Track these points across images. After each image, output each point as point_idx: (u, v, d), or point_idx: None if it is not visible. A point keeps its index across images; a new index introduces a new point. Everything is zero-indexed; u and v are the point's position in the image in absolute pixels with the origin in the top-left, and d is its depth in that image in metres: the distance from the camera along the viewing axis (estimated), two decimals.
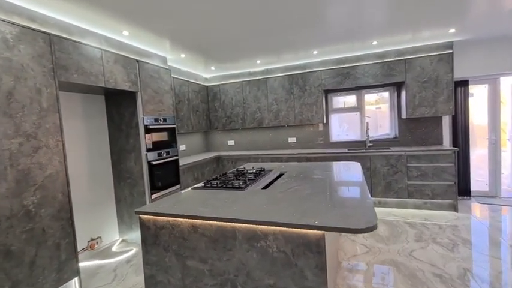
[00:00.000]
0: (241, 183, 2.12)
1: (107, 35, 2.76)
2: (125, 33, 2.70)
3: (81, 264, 2.68)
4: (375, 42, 3.68)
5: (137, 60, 3.02)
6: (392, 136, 4.40)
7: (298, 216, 1.34)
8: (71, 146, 2.78)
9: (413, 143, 4.23)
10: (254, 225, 1.37)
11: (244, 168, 2.92)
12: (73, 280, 2.21)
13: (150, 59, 3.37)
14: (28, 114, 1.93)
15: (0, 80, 1.78)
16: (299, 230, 1.28)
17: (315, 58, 4.34)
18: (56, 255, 2.08)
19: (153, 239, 1.64)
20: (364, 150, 4.01)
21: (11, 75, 1.84)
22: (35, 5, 2.09)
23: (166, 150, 3.42)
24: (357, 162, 2.92)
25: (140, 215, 1.65)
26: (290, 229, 1.30)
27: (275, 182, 2.23)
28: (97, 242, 3.03)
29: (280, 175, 2.62)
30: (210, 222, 1.47)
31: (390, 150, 3.81)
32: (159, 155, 3.30)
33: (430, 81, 3.83)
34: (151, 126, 3.17)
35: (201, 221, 1.49)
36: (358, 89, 4.46)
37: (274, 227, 1.33)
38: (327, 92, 4.64)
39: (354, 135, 4.65)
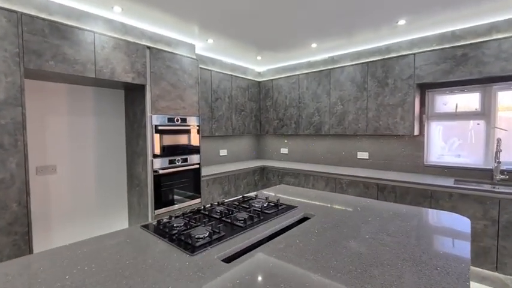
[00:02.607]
0: (200, 237, 1.21)
1: (106, 16, 2.33)
2: (117, 9, 2.19)
3: None
4: None
5: (148, 47, 2.51)
6: None
7: None
8: (78, 145, 2.52)
9: None
10: None
11: (256, 196, 1.96)
12: None
13: (169, 46, 2.84)
14: None
15: None
16: None
17: (404, 35, 2.85)
18: None
19: None
20: (491, 188, 2.31)
21: None
22: None
23: (183, 156, 2.82)
24: (465, 220, 1.49)
25: None
26: None
27: (274, 240, 1.21)
28: None
29: (301, 221, 1.55)
30: None
31: None
32: (172, 162, 2.72)
33: None
34: (162, 127, 2.62)
35: None
36: (485, 82, 2.68)
37: None
38: (424, 88, 3.03)
39: (472, 157, 2.87)
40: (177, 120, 2.76)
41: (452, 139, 3.04)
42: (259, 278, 0.91)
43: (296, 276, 0.92)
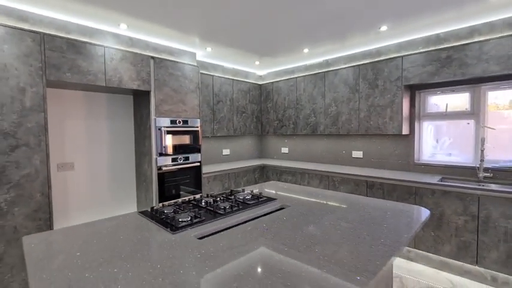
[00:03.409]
0: (183, 220, 1.46)
1: (114, 32, 2.65)
2: (123, 26, 2.49)
3: None
4: None
5: (152, 57, 2.80)
6: None
7: None
8: (93, 145, 2.85)
9: None
10: None
11: (243, 190, 2.19)
12: None
13: (171, 55, 3.12)
14: (7, 113, 1.96)
15: None
16: None
17: (392, 39, 2.98)
18: None
19: None
20: (476, 184, 2.41)
21: None
22: (27, 4, 2.11)
23: (185, 155, 3.10)
24: (423, 211, 1.64)
25: None
26: None
27: (244, 224, 1.43)
28: None
29: (278, 211, 1.76)
30: None
31: None
32: (174, 160, 3.00)
33: None
34: (165, 129, 2.91)
35: None
36: (474, 82, 2.76)
37: None
38: (413, 89, 3.13)
39: (462, 155, 2.95)
40: (179, 122, 3.04)
41: (443, 139, 3.12)
42: (222, 247, 1.14)
43: (251, 248, 1.14)
